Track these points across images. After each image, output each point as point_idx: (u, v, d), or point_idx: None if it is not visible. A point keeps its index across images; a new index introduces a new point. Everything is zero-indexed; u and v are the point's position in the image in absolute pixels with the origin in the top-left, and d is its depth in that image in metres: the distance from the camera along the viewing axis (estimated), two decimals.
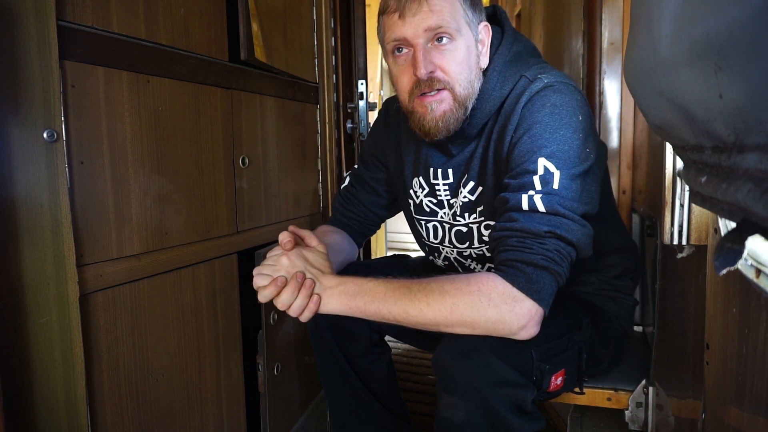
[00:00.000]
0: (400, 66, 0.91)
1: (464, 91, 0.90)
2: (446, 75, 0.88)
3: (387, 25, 0.90)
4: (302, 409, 1.52)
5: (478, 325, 0.79)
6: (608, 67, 1.47)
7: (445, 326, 0.81)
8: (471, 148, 0.99)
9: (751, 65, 0.29)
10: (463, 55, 0.89)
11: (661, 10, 0.44)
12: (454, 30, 0.87)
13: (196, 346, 1.10)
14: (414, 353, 2.21)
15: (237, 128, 1.22)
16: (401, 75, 0.92)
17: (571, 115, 0.86)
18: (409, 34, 0.87)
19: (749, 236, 0.34)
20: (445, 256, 1.12)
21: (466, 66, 0.89)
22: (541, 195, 0.82)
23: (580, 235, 0.83)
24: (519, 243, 0.81)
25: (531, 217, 0.81)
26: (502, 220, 0.85)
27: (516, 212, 0.83)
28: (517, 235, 0.82)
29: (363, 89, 1.95)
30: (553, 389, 0.88)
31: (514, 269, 0.80)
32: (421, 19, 0.85)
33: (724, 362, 0.62)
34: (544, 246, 0.80)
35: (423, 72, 0.87)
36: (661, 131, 0.55)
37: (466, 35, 0.89)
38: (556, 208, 0.81)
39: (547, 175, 0.83)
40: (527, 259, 0.80)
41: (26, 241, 0.74)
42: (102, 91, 0.87)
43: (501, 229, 0.84)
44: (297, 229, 0.96)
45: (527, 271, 0.79)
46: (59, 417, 0.79)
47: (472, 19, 0.90)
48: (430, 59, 0.87)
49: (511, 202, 0.84)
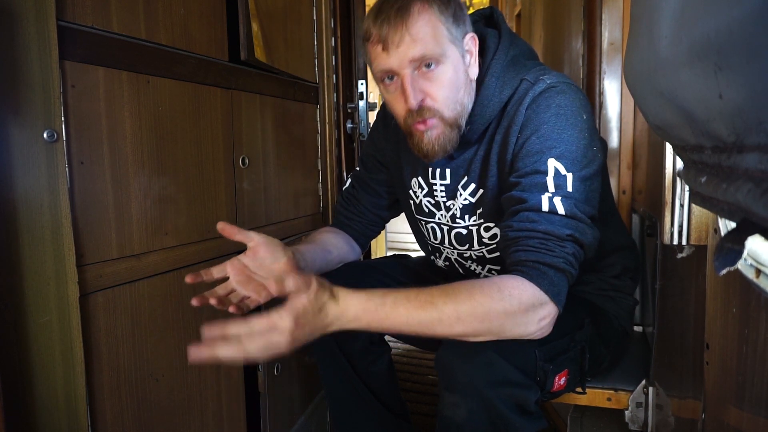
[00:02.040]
0: (392, 93, 0.91)
1: (452, 113, 0.89)
2: (435, 102, 0.87)
3: (372, 55, 0.89)
4: (302, 409, 1.52)
5: (505, 332, 0.78)
6: (608, 67, 1.47)
7: (473, 336, 0.79)
8: (472, 151, 0.99)
9: (751, 65, 0.29)
10: (451, 77, 0.88)
11: (661, 11, 0.44)
12: (439, 55, 0.85)
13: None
14: (414, 353, 2.21)
15: (237, 128, 1.22)
16: (395, 102, 0.91)
17: (576, 116, 0.86)
18: (395, 65, 0.86)
19: (749, 236, 0.34)
20: (446, 256, 1.12)
21: (454, 88, 0.88)
22: (560, 198, 0.82)
23: (591, 238, 0.84)
24: (541, 245, 0.80)
25: (551, 219, 0.81)
26: (519, 219, 0.83)
27: (535, 213, 0.82)
28: (539, 237, 0.81)
29: (363, 89, 1.95)
30: (556, 389, 0.88)
31: (537, 271, 0.79)
32: (404, 51, 0.84)
33: (724, 362, 0.62)
34: (564, 249, 0.80)
35: (413, 103, 0.86)
36: (661, 131, 0.55)
37: (452, 55, 0.88)
38: (574, 212, 0.82)
39: (559, 177, 0.83)
40: (549, 262, 0.79)
41: (26, 241, 0.74)
42: (102, 91, 0.87)
43: (519, 229, 0.83)
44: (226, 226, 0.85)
45: (550, 274, 0.79)
46: (59, 417, 0.79)
47: (456, 36, 0.88)
48: (419, 88, 0.86)
49: (531, 201, 0.83)
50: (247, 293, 0.87)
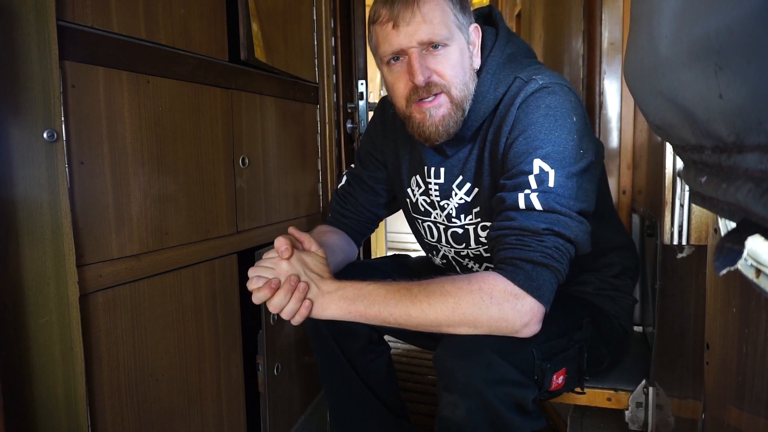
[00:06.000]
0: (395, 73, 0.91)
1: (460, 93, 0.90)
2: (443, 79, 0.89)
3: (381, 35, 0.89)
4: (302, 409, 1.52)
5: (480, 324, 0.80)
6: (608, 67, 1.47)
7: (447, 326, 0.81)
8: (466, 149, 0.99)
9: (751, 65, 0.29)
10: (458, 59, 0.89)
11: (661, 10, 0.44)
12: (446, 38, 0.87)
13: (196, 346, 1.10)
14: (414, 353, 2.21)
15: (237, 128, 1.22)
16: (396, 82, 0.92)
17: (566, 117, 0.86)
18: (404, 43, 0.87)
19: (749, 236, 0.34)
20: (444, 254, 1.12)
21: (461, 69, 0.90)
22: (537, 193, 0.82)
23: (578, 231, 0.83)
24: (517, 241, 0.81)
25: (528, 215, 0.82)
26: (500, 219, 0.85)
27: (513, 211, 0.83)
28: (515, 234, 0.82)
29: (363, 89, 1.95)
30: (554, 388, 0.88)
31: (513, 267, 0.80)
32: (414, 29, 0.86)
33: (724, 362, 0.62)
34: (542, 243, 0.81)
35: (420, 79, 0.87)
36: (661, 131, 0.55)
37: (458, 39, 0.89)
38: (552, 206, 0.82)
39: (542, 174, 0.83)
40: (526, 257, 0.80)
41: (26, 241, 0.74)
42: (102, 91, 0.87)
43: (499, 228, 0.84)
44: (296, 232, 0.96)
45: (527, 269, 0.79)
46: (59, 417, 0.79)
47: (462, 22, 0.90)
48: (426, 65, 0.88)
49: (508, 201, 0.84)
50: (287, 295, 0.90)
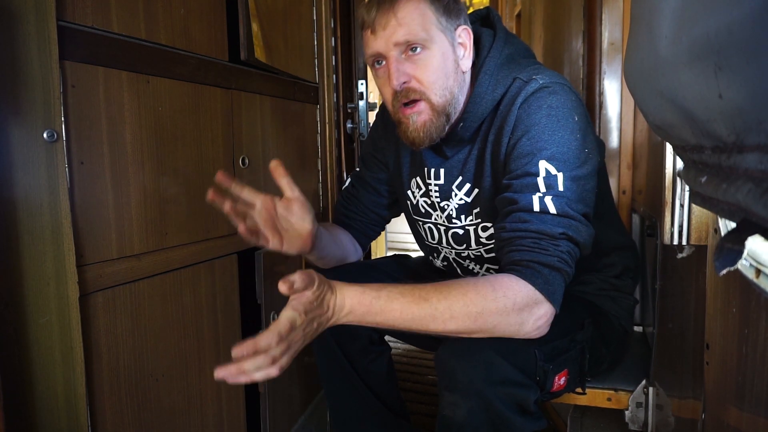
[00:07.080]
0: (381, 78, 0.93)
1: (441, 99, 0.90)
2: (421, 84, 0.89)
3: (365, 40, 0.92)
4: (302, 409, 1.52)
5: (498, 331, 0.79)
6: (608, 67, 1.47)
7: (466, 334, 0.79)
8: (466, 150, 0.99)
9: (751, 65, 0.29)
10: (439, 63, 0.89)
11: (661, 10, 0.44)
12: (424, 40, 0.87)
13: (196, 346, 1.10)
14: (414, 353, 2.21)
15: (237, 128, 1.22)
16: (383, 87, 0.94)
17: (568, 117, 0.86)
18: (381, 47, 0.89)
19: (749, 236, 0.34)
20: (444, 256, 1.12)
21: (442, 73, 0.90)
22: (551, 197, 0.82)
23: (586, 236, 0.84)
24: (534, 244, 0.81)
25: (543, 218, 0.82)
26: (511, 220, 0.84)
27: (526, 213, 0.83)
28: (531, 236, 0.81)
29: (363, 89, 1.95)
30: (556, 389, 0.88)
31: (532, 270, 0.80)
32: (390, 33, 0.87)
33: (724, 362, 0.62)
34: (558, 248, 0.81)
35: (396, 83, 0.88)
36: (661, 131, 0.55)
37: (440, 42, 0.89)
38: (566, 210, 0.82)
39: (549, 177, 0.83)
40: (544, 261, 0.80)
41: (26, 241, 0.74)
42: (102, 91, 0.87)
43: (512, 230, 0.83)
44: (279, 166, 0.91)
45: (545, 273, 0.79)
46: (59, 417, 0.79)
47: (446, 26, 0.90)
48: (404, 70, 0.88)
49: (522, 202, 0.83)
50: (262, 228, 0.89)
